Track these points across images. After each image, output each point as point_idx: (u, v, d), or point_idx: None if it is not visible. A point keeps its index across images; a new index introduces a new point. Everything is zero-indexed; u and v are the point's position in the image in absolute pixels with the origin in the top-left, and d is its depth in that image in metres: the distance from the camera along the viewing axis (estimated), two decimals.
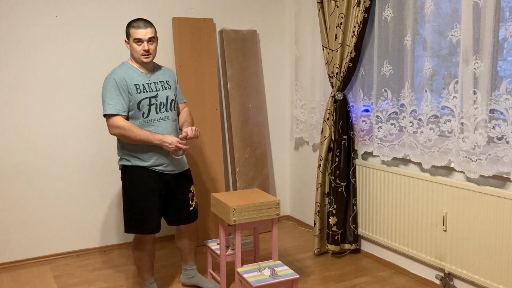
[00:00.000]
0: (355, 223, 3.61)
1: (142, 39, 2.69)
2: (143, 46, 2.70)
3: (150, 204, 2.77)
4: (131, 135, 2.65)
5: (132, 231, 2.80)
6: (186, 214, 2.93)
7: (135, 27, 2.70)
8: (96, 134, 3.74)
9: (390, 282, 3.20)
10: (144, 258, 2.88)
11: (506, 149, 2.51)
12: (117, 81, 2.68)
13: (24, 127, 3.52)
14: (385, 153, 3.31)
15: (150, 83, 2.77)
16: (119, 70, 2.75)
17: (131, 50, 2.74)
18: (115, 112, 2.66)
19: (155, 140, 2.68)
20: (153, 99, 2.75)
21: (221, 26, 4.10)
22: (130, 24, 2.73)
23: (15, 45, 3.44)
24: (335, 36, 3.45)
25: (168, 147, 2.70)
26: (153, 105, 2.75)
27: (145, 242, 2.84)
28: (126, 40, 2.77)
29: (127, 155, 2.78)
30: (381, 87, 3.30)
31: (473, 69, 2.64)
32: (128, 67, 2.77)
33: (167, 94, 2.82)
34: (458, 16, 2.72)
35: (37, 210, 3.62)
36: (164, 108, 2.80)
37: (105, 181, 3.82)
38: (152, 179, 2.77)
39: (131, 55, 2.78)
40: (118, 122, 2.66)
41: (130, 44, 2.73)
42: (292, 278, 2.75)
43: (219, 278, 3.08)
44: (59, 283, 3.26)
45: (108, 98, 2.67)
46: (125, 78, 2.71)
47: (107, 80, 2.71)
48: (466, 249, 2.81)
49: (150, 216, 2.77)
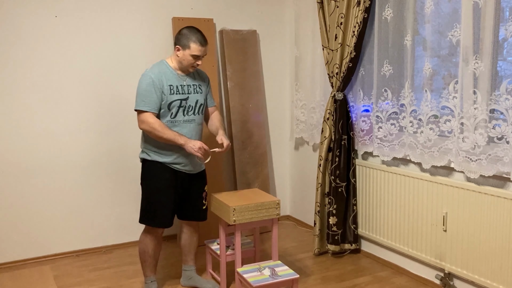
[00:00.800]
0: (355, 223, 3.61)
1: (200, 56, 2.76)
2: (197, 61, 2.78)
3: (163, 199, 2.85)
4: (158, 133, 2.71)
5: (144, 222, 2.90)
6: (198, 212, 3.03)
7: (197, 43, 2.73)
8: (97, 134, 3.74)
9: (390, 282, 3.20)
10: (149, 252, 2.93)
11: (506, 149, 2.51)
12: (154, 79, 2.73)
13: (24, 127, 3.52)
14: (385, 153, 3.31)
15: (183, 85, 2.83)
16: (157, 69, 2.79)
17: (181, 58, 2.77)
18: (147, 109, 2.72)
19: (180, 141, 2.74)
20: (184, 101, 2.82)
21: (221, 26, 4.10)
22: (191, 37, 2.73)
23: (15, 45, 3.44)
24: (335, 36, 3.45)
25: (191, 149, 2.74)
26: (182, 107, 2.81)
27: (153, 236, 2.91)
28: (178, 46, 2.76)
29: (148, 150, 2.86)
30: (381, 87, 3.30)
31: (473, 69, 2.64)
32: (166, 67, 2.81)
33: (197, 98, 2.88)
34: (458, 16, 2.72)
35: (37, 210, 3.62)
36: (192, 111, 2.86)
37: (105, 181, 3.82)
38: (168, 175, 2.85)
39: (176, 58, 2.81)
40: (149, 118, 2.71)
41: (183, 54, 2.76)
42: (292, 278, 2.75)
43: (219, 278, 3.08)
44: (59, 283, 3.26)
45: (143, 95, 2.72)
46: (162, 77, 2.76)
47: (144, 77, 2.75)
48: (466, 249, 2.81)
49: (162, 211, 2.86)
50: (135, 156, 3.84)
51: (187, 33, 2.75)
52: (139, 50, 3.82)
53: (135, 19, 3.78)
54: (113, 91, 3.76)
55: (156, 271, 3.04)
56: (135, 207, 3.85)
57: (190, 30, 2.76)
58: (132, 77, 3.81)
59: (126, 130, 3.83)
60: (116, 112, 3.79)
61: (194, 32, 2.75)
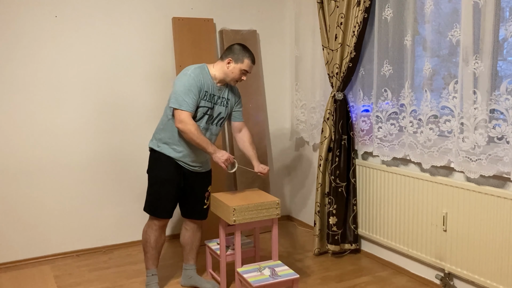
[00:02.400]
0: (355, 223, 3.61)
1: (248, 72, 2.88)
2: (243, 76, 2.88)
3: (165, 191, 2.92)
4: (193, 136, 2.74)
5: (146, 210, 2.98)
6: (199, 211, 3.07)
7: (250, 60, 2.85)
8: (97, 134, 3.74)
9: (390, 282, 3.20)
10: (151, 243, 2.98)
11: (506, 149, 2.51)
12: (196, 81, 2.77)
13: (24, 127, 3.52)
14: (385, 153, 3.31)
15: (214, 95, 2.87)
16: (200, 71, 2.82)
17: (231, 70, 2.83)
18: (188, 110, 2.74)
19: (209, 149, 2.79)
20: (209, 110, 2.86)
21: (221, 26, 4.10)
22: (246, 53, 2.84)
23: (15, 45, 3.44)
24: (335, 36, 3.45)
25: (218, 160, 2.80)
26: (206, 114, 2.86)
27: (156, 226, 2.97)
28: (230, 59, 2.82)
29: (159, 140, 2.92)
30: (381, 87, 3.30)
31: (473, 69, 2.64)
32: (206, 73, 2.85)
33: (221, 110, 2.93)
34: (458, 16, 2.72)
35: (37, 210, 3.62)
36: (211, 121, 2.91)
37: (106, 181, 3.82)
38: (172, 169, 2.89)
39: (222, 69, 2.85)
40: (188, 119, 2.73)
41: (234, 67, 2.83)
42: (292, 278, 2.75)
43: (219, 278, 3.08)
44: (59, 283, 3.26)
45: (185, 94, 2.73)
46: (203, 81, 2.80)
47: (188, 77, 2.77)
48: (466, 249, 2.81)
49: (162, 202, 2.93)
50: (135, 156, 3.84)
51: (242, 49, 2.85)
52: (139, 50, 3.82)
53: (135, 19, 3.78)
54: (113, 91, 3.76)
55: (158, 265, 3.07)
56: (135, 207, 3.85)
57: (244, 47, 2.86)
58: (132, 77, 3.82)
59: (126, 130, 3.83)
60: (116, 111, 3.79)
61: (248, 49, 2.87)
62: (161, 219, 2.96)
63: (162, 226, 2.99)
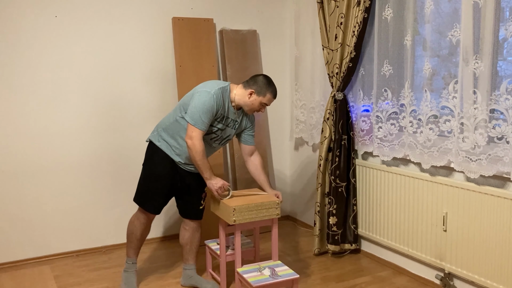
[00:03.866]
0: (355, 223, 3.61)
1: (268, 105, 2.86)
2: (262, 109, 2.88)
3: (157, 186, 2.94)
4: (197, 156, 2.74)
5: (136, 201, 3.03)
6: (194, 211, 3.07)
7: (272, 95, 2.83)
8: (97, 134, 3.74)
9: (390, 282, 3.20)
10: (136, 235, 3.05)
11: (506, 149, 2.51)
12: (217, 103, 2.75)
13: (23, 127, 3.52)
14: (385, 153, 3.31)
15: (228, 118, 2.87)
16: (222, 93, 2.79)
17: (251, 101, 2.82)
18: (202, 129, 2.74)
19: (205, 174, 2.79)
20: (220, 131, 2.88)
21: (221, 26, 4.10)
22: (270, 88, 2.81)
23: (15, 45, 3.44)
24: (335, 36, 3.45)
25: (211, 187, 2.81)
26: (215, 133, 2.87)
27: (144, 220, 3.03)
28: (253, 91, 2.80)
29: (160, 136, 2.94)
30: (381, 87, 3.30)
31: (473, 69, 2.64)
32: (227, 96, 2.83)
33: (230, 132, 2.95)
34: (458, 16, 2.72)
35: (37, 210, 3.62)
36: (218, 140, 2.93)
37: (105, 181, 3.82)
38: (168, 165, 2.92)
39: (242, 97, 2.83)
40: (198, 139, 2.72)
41: (255, 99, 2.81)
42: (292, 278, 2.75)
43: (219, 278, 3.08)
44: (59, 283, 3.26)
45: (204, 113, 2.71)
46: (222, 104, 2.79)
47: (210, 96, 2.72)
48: (466, 249, 2.81)
49: (153, 197, 2.96)
50: (135, 156, 3.84)
51: (266, 82, 2.82)
52: (139, 50, 3.82)
53: (135, 19, 3.78)
54: (113, 91, 3.76)
55: (138, 254, 3.15)
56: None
57: (269, 81, 2.83)
58: (132, 77, 3.82)
59: (126, 130, 3.83)
60: (116, 112, 3.79)
61: (272, 83, 2.84)
62: (149, 213, 3.01)
63: (150, 220, 3.06)
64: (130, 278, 3.11)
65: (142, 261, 3.58)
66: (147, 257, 3.70)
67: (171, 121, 2.90)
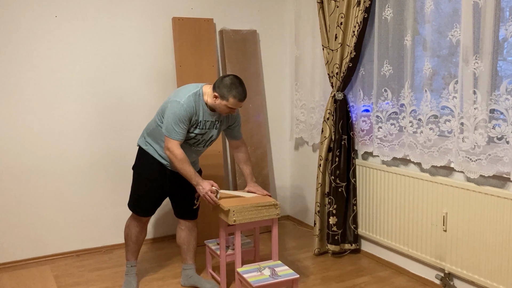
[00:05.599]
0: (355, 223, 3.61)
1: (235, 109, 2.77)
2: (232, 111, 2.78)
3: (146, 190, 2.98)
4: (178, 164, 2.75)
5: (129, 207, 3.07)
6: (188, 211, 3.08)
7: (236, 99, 2.69)
8: (96, 134, 3.74)
9: (390, 282, 3.20)
10: (132, 238, 3.07)
11: (506, 149, 2.51)
12: (188, 111, 2.72)
13: (24, 127, 3.52)
14: (385, 153, 3.31)
15: (207, 121, 2.84)
16: (194, 101, 2.75)
17: (217, 105, 2.74)
18: (177, 139, 2.74)
19: (193, 181, 2.80)
20: (200, 135, 2.87)
21: (221, 26, 4.10)
22: (232, 91, 2.67)
23: (15, 45, 3.43)
24: (335, 36, 3.45)
25: (200, 191, 2.82)
26: (196, 140, 2.87)
27: (137, 223, 3.05)
28: (216, 94, 2.71)
29: (147, 141, 2.96)
30: (381, 87, 3.30)
31: (473, 69, 2.64)
32: (201, 103, 2.79)
33: (213, 133, 2.93)
34: (458, 16, 2.72)
35: (37, 210, 3.62)
36: (202, 144, 2.93)
37: (106, 181, 3.82)
38: (157, 169, 2.94)
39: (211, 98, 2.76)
40: (175, 149, 2.73)
41: (220, 103, 2.72)
42: (292, 278, 2.75)
43: (219, 278, 3.08)
44: (59, 283, 3.26)
45: (176, 124, 2.71)
46: (195, 111, 2.76)
47: (180, 106, 2.70)
48: (466, 249, 2.81)
49: (143, 201, 3.00)
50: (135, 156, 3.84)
51: (229, 85, 2.68)
52: (139, 50, 3.82)
53: (135, 19, 3.78)
54: (113, 91, 3.76)
55: (137, 257, 3.17)
56: None
57: (232, 82, 2.69)
58: (132, 77, 3.82)
59: (126, 130, 3.83)
60: (116, 112, 3.79)
61: (236, 85, 2.69)
62: (141, 216, 3.04)
63: (144, 223, 3.08)
64: (131, 281, 3.12)
65: (143, 262, 3.58)
66: (148, 257, 3.70)
67: (153, 126, 2.91)
